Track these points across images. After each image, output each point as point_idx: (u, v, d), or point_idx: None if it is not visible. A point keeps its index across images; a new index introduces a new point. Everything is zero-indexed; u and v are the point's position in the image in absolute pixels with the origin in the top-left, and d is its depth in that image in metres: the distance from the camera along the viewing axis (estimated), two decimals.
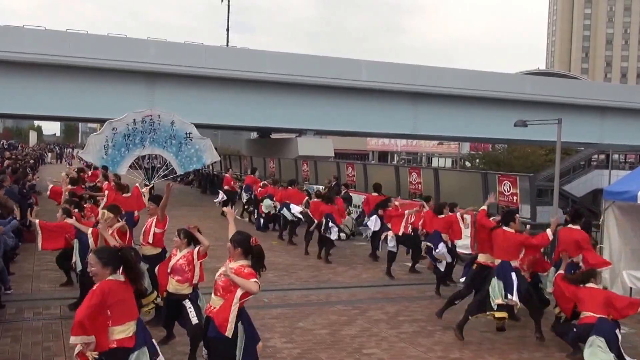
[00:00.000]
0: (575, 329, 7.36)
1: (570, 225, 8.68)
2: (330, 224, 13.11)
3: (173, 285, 6.98)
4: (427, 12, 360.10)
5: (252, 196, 19.15)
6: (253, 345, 5.55)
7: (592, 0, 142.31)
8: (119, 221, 8.25)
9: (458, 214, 10.82)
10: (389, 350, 7.66)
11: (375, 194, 14.16)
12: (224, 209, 5.68)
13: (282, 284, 11.18)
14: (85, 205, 10.66)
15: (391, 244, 11.86)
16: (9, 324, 8.24)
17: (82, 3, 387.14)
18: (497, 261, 8.08)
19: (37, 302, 9.31)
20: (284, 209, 15.76)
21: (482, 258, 8.68)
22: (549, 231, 8.08)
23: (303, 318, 8.89)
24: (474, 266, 8.77)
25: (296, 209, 15.60)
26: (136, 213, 11.98)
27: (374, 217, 13.26)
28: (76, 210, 9.88)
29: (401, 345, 7.85)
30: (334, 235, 13.19)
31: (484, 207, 9.09)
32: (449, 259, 10.48)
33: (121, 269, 4.87)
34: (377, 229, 13.21)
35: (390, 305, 9.79)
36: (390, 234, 11.91)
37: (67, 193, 12.34)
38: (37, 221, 9.41)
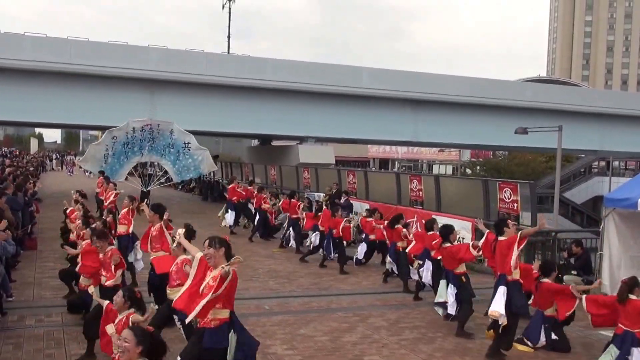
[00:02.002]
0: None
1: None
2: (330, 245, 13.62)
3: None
4: (428, 19, 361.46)
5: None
6: (250, 351, 5.60)
7: (593, 7, 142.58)
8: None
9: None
10: (389, 356, 7.67)
11: (370, 219, 13.97)
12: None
13: (283, 291, 11.20)
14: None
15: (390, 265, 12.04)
16: (10, 331, 8.26)
17: (83, 10, 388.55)
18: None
19: (38, 309, 9.33)
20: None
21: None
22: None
23: (304, 325, 8.91)
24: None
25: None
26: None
27: (362, 244, 13.69)
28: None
29: (402, 352, 7.85)
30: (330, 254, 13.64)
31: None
32: (429, 282, 10.34)
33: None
34: (361, 256, 13.71)
35: (391, 312, 9.80)
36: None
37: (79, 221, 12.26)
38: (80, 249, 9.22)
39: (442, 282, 9.07)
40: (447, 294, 8.87)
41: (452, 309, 8.79)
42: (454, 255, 8.78)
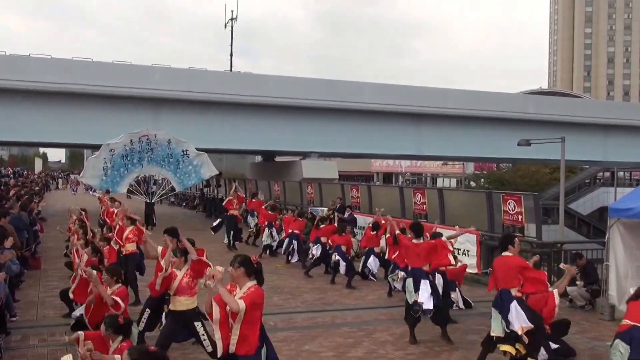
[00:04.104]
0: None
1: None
2: (337, 257, 13.42)
3: (181, 303, 7.10)
4: (430, 34, 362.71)
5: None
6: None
7: (593, 19, 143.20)
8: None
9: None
10: None
11: (374, 233, 13.80)
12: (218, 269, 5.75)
13: (288, 307, 11.15)
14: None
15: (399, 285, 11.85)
16: (14, 350, 8.23)
17: (86, 31, 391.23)
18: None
19: (42, 328, 9.30)
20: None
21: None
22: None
23: (309, 341, 8.85)
24: None
25: None
26: None
27: (372, 257, 13.54)
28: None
29: None
30: (342, 270, 13.40)
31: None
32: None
33: None
34: (376, 270, 13.60)
35: (397, 327, 9.72)
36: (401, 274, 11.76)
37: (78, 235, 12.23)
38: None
39: (409, 281, 8.98)
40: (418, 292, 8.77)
41: (429, 304, 8.69)
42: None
